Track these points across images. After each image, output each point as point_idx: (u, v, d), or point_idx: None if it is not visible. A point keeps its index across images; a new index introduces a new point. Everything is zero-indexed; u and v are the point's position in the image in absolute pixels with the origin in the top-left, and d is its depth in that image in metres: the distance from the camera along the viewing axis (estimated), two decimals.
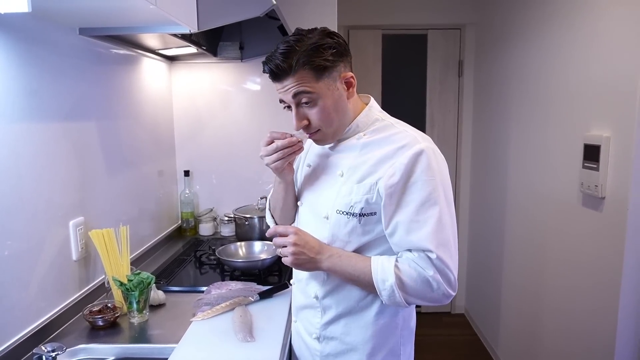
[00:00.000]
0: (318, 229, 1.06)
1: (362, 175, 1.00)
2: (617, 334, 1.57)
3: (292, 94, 0.97)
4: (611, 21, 1.61)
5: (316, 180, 1.12)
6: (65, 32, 1.33)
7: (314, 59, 0.94)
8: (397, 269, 0.95)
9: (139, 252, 1.82)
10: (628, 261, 1.53)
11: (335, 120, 1.01)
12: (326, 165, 1.10)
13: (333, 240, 1.03)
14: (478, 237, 3.16)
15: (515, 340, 2.50)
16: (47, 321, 1.22)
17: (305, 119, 1.00)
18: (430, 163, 0.95)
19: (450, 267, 0.94)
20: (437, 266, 0.94)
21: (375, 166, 0.98)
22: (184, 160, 2.34)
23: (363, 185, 0.99)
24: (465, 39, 3.20)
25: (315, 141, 1.06)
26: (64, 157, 1.33)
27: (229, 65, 2.29)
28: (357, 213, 0.99)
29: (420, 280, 0.94)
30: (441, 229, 0.94)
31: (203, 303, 1.37)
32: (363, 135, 1.04)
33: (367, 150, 1.02)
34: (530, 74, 2.28)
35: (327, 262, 1.01)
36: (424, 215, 0.94)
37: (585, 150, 1.73)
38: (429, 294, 0.95)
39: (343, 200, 1.01)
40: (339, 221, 1.02)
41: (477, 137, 3.17)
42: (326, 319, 1.08)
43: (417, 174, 0.94)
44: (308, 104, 0.98)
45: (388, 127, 1.04)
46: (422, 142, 0.97)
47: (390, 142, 0.99)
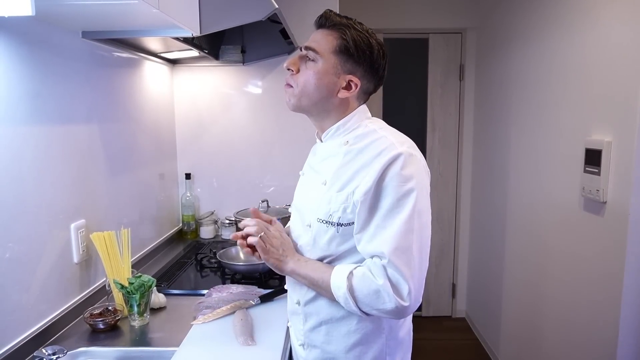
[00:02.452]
0: (302, 236, 1.07)
1: (341, 185, 0.99)
2: (618, 340, 1.57)
3: (305, 45, 1.00)
4: (611, 26, 1.61)
5: (305, 187, 1.13)
6: (68, 35, 1.33)
7: (346, 34, 0.97)
8: (352, 275, 0.94)
9: (140, 255, 1.82)
10: (629, 266, 1.52)
11: (313, 94, 1.00)
12: (314, 173, 1.10)
13: (314, 248, 1.03)
14: (479, 241, 3.16)
15: (516, 345, 2.49)
16: (48, 324, 1.22)
17: (295, 67, 1.01)
18: (403, 169, 0.92)
19: (405, 275, 0.90)
20: (388, 274, 0.90)
21: (354, 175, 0.97)
22: (186, 163, 2.35)
23: (341, 195, 0.98)
24: (466, 43, 3.21)
25: (286, 94, 1.05)
26: (65, 159, 1.33)
27: (231, 69, 2.30)
28: (335, 222, 0.98)
29: (370, 289, 0.91)
30: (404, 235, 0.91)
31: (204, 306, 1.37)
32: (346, 142, 1.02)
33: (348, 157, 1.01)
34: (531, 78, 2.28)
35: (292, 264, 1.02)
36: (389, 221, 0.92)
37: (586, 155, 1.73)
38: (381, 305, 0.91)
39: (323, 209, 1.00)
40: (319, 229, 1.01)
41: (478, 141, 3.17)
42: (308, 326, 1.07)
43: (387, 180, 0.92)
44: (308, 60, 1.00)
45: (370, 133, 1.01)
46: (398, 148, 0.94)
47: (370, 149, 0.98)
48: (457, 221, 3.39)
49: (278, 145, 2.35)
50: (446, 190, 3.36)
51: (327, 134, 1.06)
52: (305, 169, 1.17)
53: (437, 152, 3.32)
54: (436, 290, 3.45)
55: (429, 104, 3.29)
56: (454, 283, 3.46)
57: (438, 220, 3.38)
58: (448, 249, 3.42)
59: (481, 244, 3.11)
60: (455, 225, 3.40)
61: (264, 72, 2.30)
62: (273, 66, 2.29)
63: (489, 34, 2.94)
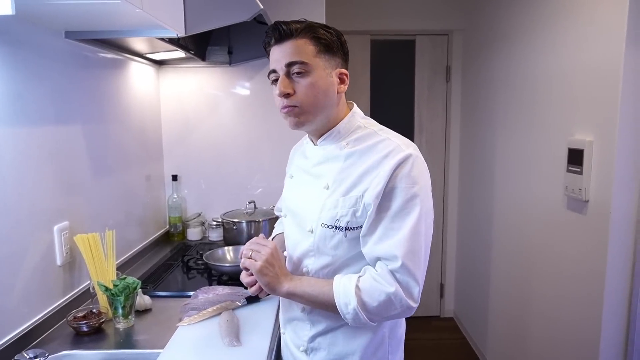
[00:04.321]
0: (302, 242, 1.04)
1: (347, 188, 0.97)
2: (601, 336, 1.59)
3: (287, 61, 0.95)
4: (593, 27, 1.64)
5: (300, 192, 1.09)
6: (51, 35, 1.32)
7: (318, 33, 0.96)
8: (358, 289, 0.92)
9: (125, 257, 1.80)
10: (611, 263, 1.55)
11: (320, 102, 0.97)
12: (309, 176, 1.07)
13: (318, 254, 1.01)
14: (466, 241, 3.19)
15: (504, 343, 2.52)
16: (30, 327, 1.20)
17: (290, 89, 0.96)
18: (412, 170, 0.93)
19: (416, 277, 0.92)
20: (399, 279, 0.91)
21: (361, 177, 0.96)
22: (172, 165, 2.33)
23: (349, 198, 0.96)
24: (452, 44, 3.24)
25: (289, 117, 0.99)
26: (48, 161, 1.31)
27: (218, 70, 2.29)
28: (343, 227, 0.97)
29: (382, 299, 0.91)
30: (414, 238, 0.92)
31: (190, 308, 1.36)
32: (346, 144, 1.01)
33: (351, 160, 0.99)
34: (515, 79, 2.31)
35: (287, 284, 1.00)
36: (398, 223, 0.92)
37: (569, 154, 1.75)
38: (393, 312, 0.93)
39: (328, 214, 0.98)
40: (324, 235, 0.99)
41: (464, 141, 3.20)
42: (315, 331, 1.06)
43: (397, 181, 0.92)
44: (300, 75, 0.95)
45: (371, 135, 1.01)
46: (405, 150, 0.95)
47: (375, 151, 0.97)
48: (444, 222, 3.41)
49: (265, 147, 2.35)
50: (433, 190, 3.31)
51: (324, 138, 1.04)
52: (295, 171, 1.14)
53: (424, 153, 3.25)
54: (424, 290, 3.38)
55: (415, 106, 3.32)
56: (442, 283, 3.48)
57: None
58: (436, 249, 3.44)
59: (468, 244, 3.14)
60: (442, 225, 3.42)
61: (250, 73, 2.30)
62: (260, 67, 2.29)
63: (474, 36, 2.97)
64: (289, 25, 0.95)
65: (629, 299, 1.56)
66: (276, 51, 0.97)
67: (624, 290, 1.56)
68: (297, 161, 1.14)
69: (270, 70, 0.99)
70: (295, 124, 1.00)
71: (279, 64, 0.96)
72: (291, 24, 0.96)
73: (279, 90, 0.96)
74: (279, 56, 0.96)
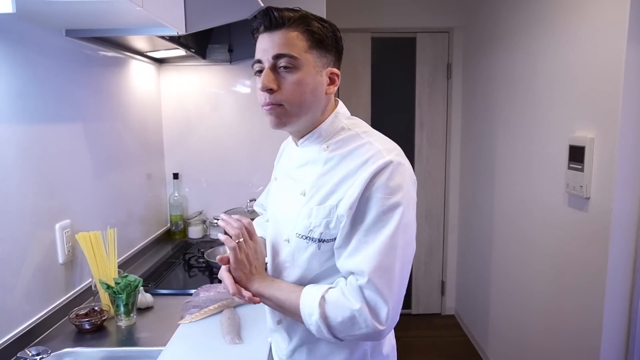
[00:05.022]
0: (280, 252, 0.98)
1: (323, 197, 0.90)
2: (602, 332, 1.59)
3: (276, 53, 0.86)
4: (595, 24, 1.64)
5: (280, 197, 1.03)
6: (52, 33, 1.32)
7: (312, 27, 0.88)
8: (324, 300, 0.85)
9: (127, 255, 1.80)
10: (612, 260, 1.55)
11: (305, 102, 0.89)
12: (290, 180, 1.00)
13: (293, 265, 0.95)
14: (467, 239, 3.19)
15: (505, 340, 2.52)
16: (32, 325, 1.21)
17: (275, 84, 0.87)
18: (390, 180, 0.84)
19: (384, 296, 0.82)
20: (367, 296, 0.82)
21: (337, 185, 0.88)
22: (173, 163, 2.33)
23: (323, 208, 0.89)
24: (453, 42, 3.23)
25: (271, 116, 0.91)
26: (50, 159, 1.32)
27: (218, 68, 2.29)
28: (317, 238, 0.89)
29: (346, 315, 0.83)
30: (387, 252, 0.83)
31: (191, 305, 1.36)
32: (326, 147, 0.93)
33: (330, 165, 0.92)
34: (516, 76, 2.30)
35: (257, 283, 0.92)
36: (372, 236, 0.84)
37: (570, 152, 1.75)
38: (358, 331, 0.83)
39: (302, 223, 0.91)
40: (299, 245, 0.92)
41: (465, 139, 3.20)
42: (292, 345, 1.00)
43: (373, 191, 0.84)
44: (287, 70, 0.87)
45: (353, 138, 0.92)
46: (386, 157, 0.85)
47: (354, 157, 0.89)
48: (445, 219, 3.41)
49: (267, 145, 2.35)
50: (434, 188, 3.38)
51: (305, 139, 0.96)
52: (279, 174, 1.08)
53: (426, 151, 3.34)
54: (425, 288, 3.47)
55: (417, 103, 3.31)
56: (443, 281, 3.48)
57: (427, 218, 3.40)
58: (437, 246, 3.44)
59: (469, 241, 3.14)
60: (443, 223, 3.42)
61: (251, 72, 2.26)
62: None
63: (475, 33, 2.97)
64: (282, 13, 0.87)
65: (630, 296, 1.55)
66: (264, 40, 0.88)
67: (625, 287, 1.56)
68: (283, 163, 1.08)
69: (255, 60, 0.91)
70: (276, 124, 0.92)
71: (266, 54, 0.88)
72: (284, 11, 0.87)
73: (262, 85, 0.88)
74: (266, 46, 0.88)
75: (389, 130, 1.00)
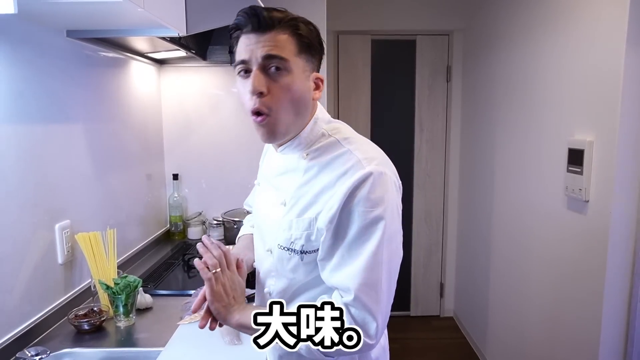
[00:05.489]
0: (264, 261, 0.97)
1: (302, 208, 0.87)
2: (601, 335, 1.59)
3: (266, 53, 0.81)
4: (593, 27, 1.64)
5: (263, 204, 1.00)
6: (53, 34, 1.32)
7: (301, 30, 0.84)
8: None
9: (126, 256, 1.80)
10: (611, 263, 1.55)
11: (295, 108, 0.85)
12: (271, 188, 0.98)
13: (277, 276, 0.93)
14: (466, 241, 3.19)
15: (503, 342, 2.52)
16: (31, 325, 1.21)
17: (264, 87, 0.82)
18: (371, 192, 0.80)
19: (373, 312, 0.80)
20: (354, 314, 0.80)
21: (316, 197, 0.86)
22: (173, 164, 2.34)
23: (302, 220, 0.86)
24: (453, 45, 3.24)
25: (263, 129, 0.85)
26: (50, 159, 1.32)
27: (219, 69, 2.29)
28: (299, 250, 0.87)
29: None
30: (372, 268, 0.80)
31: (190, 306, 1.36)
32: (306, 155, 0.90)
33: (310, 175, 0.88)
34: (515, 79, 2.31)
35: (238, 314, 0.89)
36: (355, 251, 0.81)
37: (569, 155, 1.76)
38: (347, 348, 0.81)
39: (284, 235, 0.89)
40: (281, 257, 0.91)
41: (465, 141, 3.21)
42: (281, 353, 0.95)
43: (353, 205, 0.81)
44: (278, 72, 0.82)
45: (333, 145, 0.88)
46: (366, 167, 0.81)
47: (333, 167, 0.85)
48: (444, 221, 3.42)
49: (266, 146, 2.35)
50: (433, 190, 3.39)
51: (285, 146, 0.91)
52: (261, 179, 1.05)
53: (425, 153, 3.35)
54: (424, 290, 3.47)
55: (416, 105, 3.32)
56: (441, 283, 3.48)
57: (426, 220, 3.40)
58: (436, 248, 3.44)
59: (468, 243, 3.14)
60: (442, 225, 3.42)
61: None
62: None
63: (475, 36, 2.97)
64: (271, 14, 0.82)
65: (628, 299, 1.56)
66: (251, 39, 0.82)
67: (624, 290, 1.56)
68: (265, 167, 1.04)
69: (239, 60, 0.84)
70: (268, 138, 0.87)
71: (254, 54, 0.82)
72: (273, 12, 0.82)
73: (253, 87, 0.81)
74: (254, 46, 0.82)
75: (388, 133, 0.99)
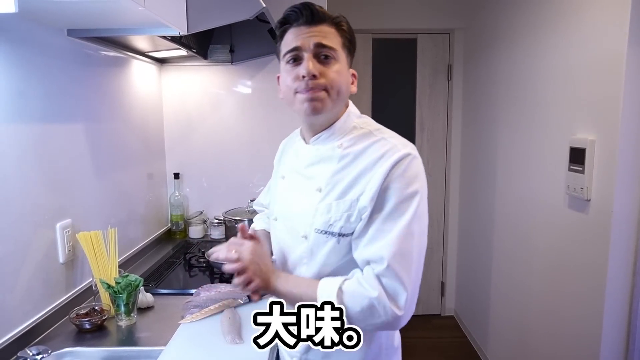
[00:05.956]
0: (296, 248, 0.99)
1: (341, 191, 0.92)
2: (602, 334, 1.59)
3: (318, 42, 0.90)
4: (595, 26, 1.64)
5: (291, 194, 1.04)
6: (53, 33, 1.32)
7: (344, 27, 0.94)
8: (341, 291, 0.87)
9: (127, 255, 1.80)
10: (613, 262, 1.55)
11: (341, 93, 0.93)
12: (301, 178, 1.01)
13: (310, 261, 0.96)
14: (467, 240, 3.19)
15: (505, 342, 2.52)
16: (33, 324, 1.21)
17: (317, 72, 0.90)
18: (407, 171, 0.88)
19: (403, 281, 0.85)
20: (385, 283, 0.85)
21: (356, 180, 0.91)
22: (174, 163, 2.34)
23: (343, 202, 0.91)
24: (454, 43, 3.24)
25: (314, 101, 0.91)
26: (51, 158, 1.32)
27: (220, 68, 2.29)
28: (336, 232, 0.92)
29: (365, 304, 0.85)
30: (405, 239, 0.86)
31: (192, 305, 1.36)
32: (340, 145, 0.96)
33: (345, 162, 0.94)
34: (517, 78, 2.31)
35: (275, 282, 0.94)
36: (390, 224, 0.87)
37: (571, 153, 1.75)
38: (377, 320, 0.86)
39: (321, 219, 0.93)
40: (317, 241, 0.94)
41: (466, 140, 3.20)
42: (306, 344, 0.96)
43: (391, 182, 0.87)
44: (327, 59, 0.91)
45: (367, 136, 0.96)
46: (402, 150, 0.90)
47: (370, 152, 0.92)
48: (445, 220, 3.41)
49: (267, 145, 2.34)
50: (435, 189, 3.38)
51: (319, 137, 0.99)
52: (286, 172, 1.08)
53: (426, 152, 3.34)
54: (425, 288, 3.47)
55: (417, 104, 3.31)
56: (442, 282, 3.48)
57: None
58: (437, 247, 3.44)
59: (470, 242, 3.14)
60: (444, 224, 3.42)
61: (252, 72, 2.30)
62: (262, 66, 2.29)
63: (476, 35, 2.97)
64: (322, 9, 0.92)
65: (630, 298, 1.56)
66: (303, 30, 0.91)
67: (626, 289, 1.56)
68: (289, 161, 1.09)
69: (291, 48, 0.91)
70: (316, 110, 0.91)
71: (308, 42, 0.90)
72: (323, 9, 0.93)
73: (307, 70, 0.88)
74: (306, 35, 0.90)
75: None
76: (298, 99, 0.92)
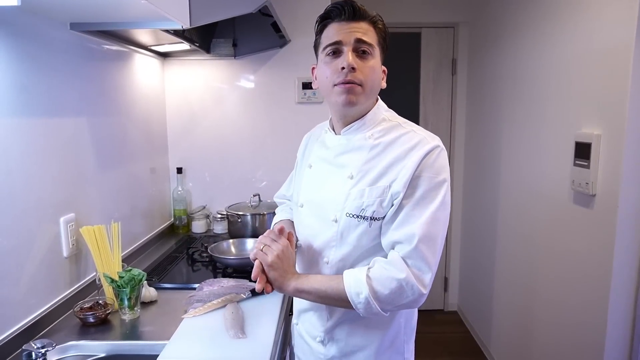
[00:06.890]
0: (324, 232, 1.04)
1: (374, 178, 0.99)
2: (607, 330, 1.59)
3: (358, 37, 0.97)
4: (601, 21, 1.62)
5: (320, 182, 1.09)
6: (56, 27, 1.32)
7: (380, 25, 1.02)
8: (369, 278, 0.93)
9: (131, 249, 1.81)
10: (618, 257, 1.54)
11: (374, 88, 1.02)
12: (331, 166, 1.08)
13: (340, 244, 1.02)
14: (471, 235, 3.18)
15: (508, 337, 2.52)
16: (37, 318, 1.22)
17: (356, 64, 0.97)
18: (435, 162, 0.96)
19: (429, 262, 0.93)
20: (411, 264, 0.92)
21: (388, 168, 0.98)
22: (177, 158, 2.33)
23: (376, 188, 0.98)
24: (458, 37, 3.21)
25: (350, 94, 0.98)
26: (54, 153, 1.32)
27: (222, 62, 2.29)
28: (369, 216, 0.98)
29: (394, 286, 0.92)
30: (433, 224, 0.93)
31: (195, 300, 1.36)
32: (371, 135, 1.03)
33: (376, 151, 1.01)
34: (522, 72, 2.29)
35: (294, 281, 1.00)
36: (419, 210, 0.94)
37: (576, 148, 1.74)
38: (404, 299, 0.93)
39: (354, 203, 0.99)
40: (348, 224, 1.00)
41: (470, 135, 3.19)
42: (332, 322, 1.07)
43: (422, 171, 0.95)
44: (364, 54, 0.98)
45: (396, 127, 1.04)
46: (431, 142, 0.98)
47: (401, 143, 1.00)
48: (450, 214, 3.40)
49: (270, 140, 2.34)
50: None
51: (350, 128, 1.05)
52: (314, 161, 1.13)
53: None
54: None
55: (421, 99, 3.30)
56: (446, 277, 3.48)
57: None
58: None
59: (473, 237, 3.13)
60: None
61: (255, 66, 2.29)
62: (265, 60, 2.29)
63: (481, 29, 2.94)
64: (362, 8, 0.99)
65: (635, 293, 1.55)
66: (344, 26, 0.98)
67: (631, 285, 1.55)
68: (317, 151, 1.14)
69: (332, 42, 0.99)
70: (351, 102, 0.99)
71: (349, 37, 0.97)
72: (364, 8, 1.00)
73: (347, 63, 0.96)
74: (347, 31, 0.97)
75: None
76: (335, 91, 0.99)
